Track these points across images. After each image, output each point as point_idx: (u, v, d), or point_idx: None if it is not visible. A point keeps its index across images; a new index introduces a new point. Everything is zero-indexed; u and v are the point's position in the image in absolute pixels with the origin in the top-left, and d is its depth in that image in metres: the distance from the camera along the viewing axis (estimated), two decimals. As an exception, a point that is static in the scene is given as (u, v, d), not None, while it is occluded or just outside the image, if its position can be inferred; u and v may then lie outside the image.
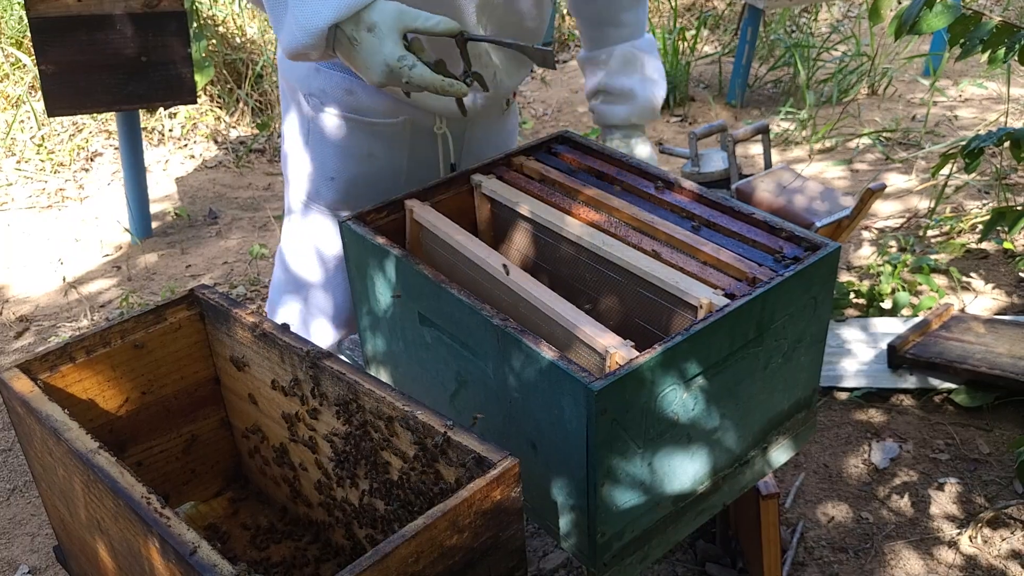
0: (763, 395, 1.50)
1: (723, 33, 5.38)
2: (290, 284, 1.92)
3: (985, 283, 3.03)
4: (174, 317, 1.49)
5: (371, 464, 1.33)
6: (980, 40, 1.93)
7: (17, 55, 4.71)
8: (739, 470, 1.54)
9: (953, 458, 2.33)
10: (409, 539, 1.03)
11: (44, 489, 1.46)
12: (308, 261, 1.88)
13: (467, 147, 1.84)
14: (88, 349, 1.42)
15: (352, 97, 1.69)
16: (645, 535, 1.43)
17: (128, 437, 1.51)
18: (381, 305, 1.64)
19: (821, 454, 2.37)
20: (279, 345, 1.38)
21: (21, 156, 4.25)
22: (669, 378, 1.30)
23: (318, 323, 1.91)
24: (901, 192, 3.67)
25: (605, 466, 1.29)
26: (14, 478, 2.50)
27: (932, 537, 2.12)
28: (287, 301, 1.93)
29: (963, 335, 2.59)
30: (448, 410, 1.56)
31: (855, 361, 2.61)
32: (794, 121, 4.29)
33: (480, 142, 1.86)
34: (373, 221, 1.63)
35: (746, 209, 1.57)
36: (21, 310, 3.25)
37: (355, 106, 1.70)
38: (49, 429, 1.25)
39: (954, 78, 4.70)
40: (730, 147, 3.07)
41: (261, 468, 1.61)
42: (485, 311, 1.37)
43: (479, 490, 1.08)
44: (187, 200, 3.94)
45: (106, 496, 1.17)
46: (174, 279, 3.38)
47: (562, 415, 1.29)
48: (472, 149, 1.85)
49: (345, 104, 1.70)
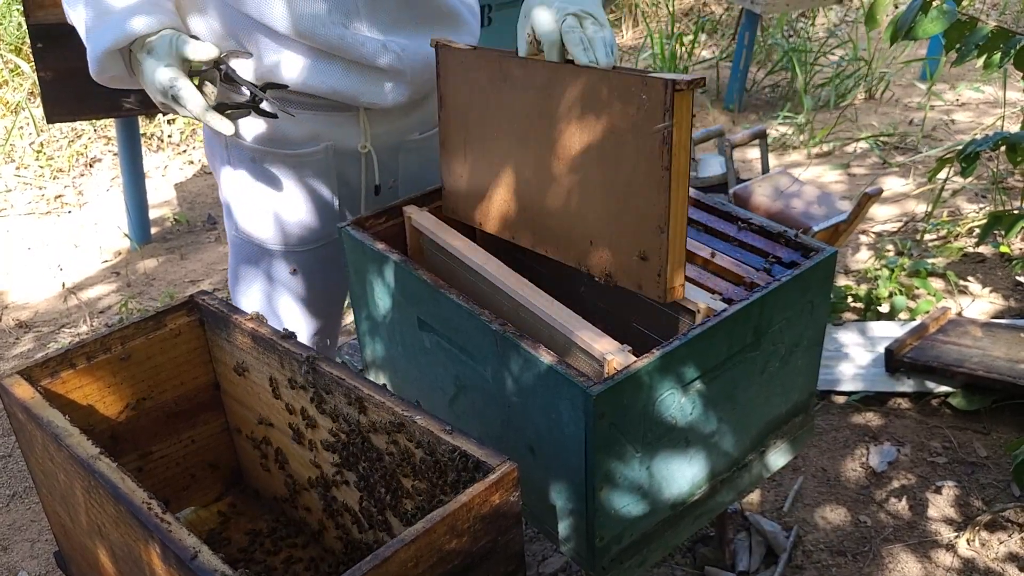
0: (761, 399, 1.50)
1: (721, 38, 5.39)
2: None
3: (982, 287, 3.04)
4: (174, 323, 1.50)
5: (370, 469, 1.34)
6: (976, 45, 1.94)
7: (16, 62, 4.72)
8: (737, 474, 1.55)
9: (950, 461, 2.34)
10: (408, 543, 1.03)
11: (44, 495, 1.46)
12: (253, 292, 1.78)
13: (403, 169, 1.73)
14: (89, 355, 1.43)
15: (268, 130, 1.61)
16: (644, 539, 1.43)
17: (128, 442, 1.51)
18: (380, 310, 1.64)
19: (819, 458, 2.37)
20: (279, 350, 1.39)
21: (20, 162, 4.26)
22: (667, 382, 1.31)
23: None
24: (898, 196, 3.68)
25: (604, 470, 1.29)
26: (14, 484, 2.50)
27: (930, 540, 2.13)
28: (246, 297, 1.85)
29: (960, 339, 2.60)
30: (447, 415, 1.57)
31: (852, 365, 2.62)
32: (791, 125, 4.30)
33: (418, 169, 1.74)
34: (372, 227, 1.64)
35: (743, 214, 1.58)
36: (21, 316, 3.26)
37: (272, 138, 1.61)
38: (50, 435, 1.25)
39: (951, 82, 4.72)
40: (728, 152, 3.08)
41: (261, 473, 1.62)
42: (484, 316, 1.38)
43: (478, 494, 1.09)
44: (186, 206, 3.95)
45: (107, 502, 1.18)
46: (173, 284, 3.38)
47: (560, 419, 1.30)
48: (409, 172, 1.74)
49: (262, 138, 1.61)
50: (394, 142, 1.68)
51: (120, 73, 1.49)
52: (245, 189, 1.67)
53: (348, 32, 1.49)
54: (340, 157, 1.65)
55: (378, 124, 1.63)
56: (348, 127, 1.62)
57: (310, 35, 1.47)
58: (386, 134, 1.66)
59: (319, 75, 1.52)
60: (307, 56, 1.51)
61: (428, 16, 1.58)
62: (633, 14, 5.64)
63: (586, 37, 1.35)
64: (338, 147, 1.64)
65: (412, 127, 1.69)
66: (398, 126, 1.67)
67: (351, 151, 1.65)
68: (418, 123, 1.70)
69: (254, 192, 1.67)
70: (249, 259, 1.74)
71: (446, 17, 1.60)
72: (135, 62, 1.47)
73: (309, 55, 1.51)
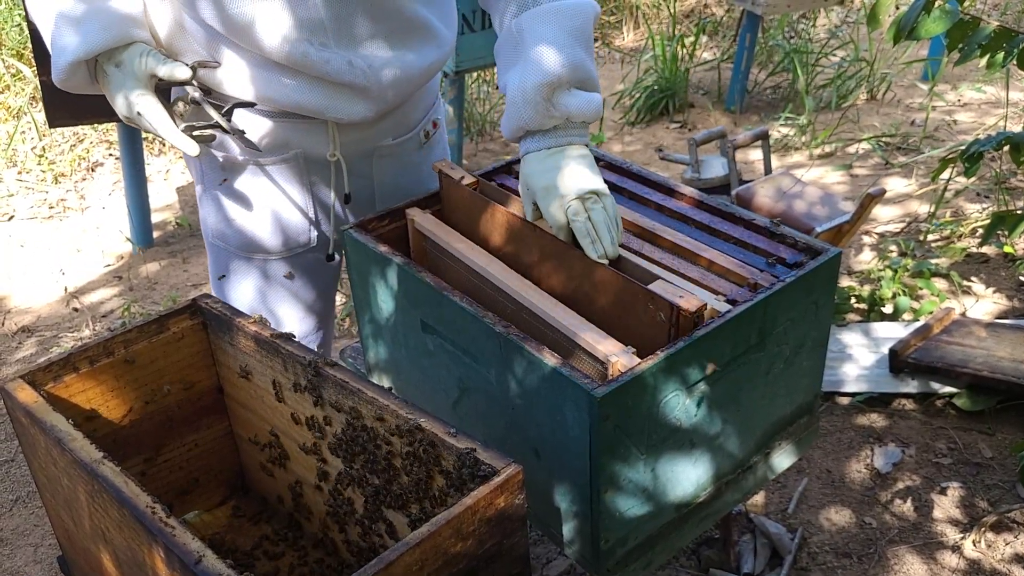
0: (765, 400, 1.50)
1: (722, 39, 5.39)
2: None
3: (986, 287, 3.03)
4: (177, 327, 1.49)
5: (374, 472, 1.33)
6: (978, 45, 1.94)
7: (18, 66, 4.73)
8: (742, 476, 1.54)
9: (956, 462, 2.33)
10: (413, 547, 1.03)
11: (48, 499, 1.46)
12: (237, 298, 1.76)
13: (379, 180, 1.70)
14: (91, 359, 1.42)
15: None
16: (648, 541, 1.43)
17: (132, 446, 1.51)
18: (383, 313, 1.64)
19: (823, 459, 2.37)
20: (282, 354, 1.39)
21: (22, 167, 4.26)
22: (672, 384, 1.30)
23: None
24: (901, 197, 3.67)
25: (608, 472, 1.29)
26: (17, 488, 2.50)
27: (935, 542, 2.12)
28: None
29: (964, 339, 2.59)
30: (451, 417, 1.56)
31: (856, 366, 2.61)
32: (793, 126, 4.30)
33: (394, 175, 1.71)
34: (375, 229, 1.64)
35: (747, 215, 1.58)
36: (23, 320, 3.26)
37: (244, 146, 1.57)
38: (53, 439, 1.25)
39: (953, 82, 4.71)
40: (730, 153, 3.08)
41: (264, 476, 1.61)
42: (487, 319, 1.37)
43: (483, 497, 1.09)
44: (188, 209, 3.95)
45: (111, 506, 1.18)
46: (176, 288, 3.38)
47: (565, 422, 1.29)
48: (385, 182, 1.71)
49: (235, 146, 1.59)
50: (366, 148, 1.65)
51: (83, 81, 1.46)
52: (219, 197, 1.65)
53: (313, 49, 1.45)
54: (311, 164, 1.61)
55: (347, 132, 1.60)
56: (317, 135, 1.58)
57: (275, 51, 1.44)
58: (357, 141, 1.62)
59: (284, 90, 1.49)
60: (272, 71, 1.48)
61: (397, 30, 1.52)
62: (634, 16, 5.64)
63: (592, 226, 1.38)
64: (308, 154, 1.60)
65: (384, 133, 1.65)
66: (368, 134, 1.63)
67: (321, 158, 1.61)
68: (391, 129, 1.66)
69: (228, 200, 1.64)
70: (227, 265, 1.72)
71: (417, 30, 1.54)
72: (100, 73, 1.43)
73: (274, 70, 1.48)
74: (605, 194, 1.42)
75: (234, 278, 1.73)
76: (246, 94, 1.50)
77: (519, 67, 1.40)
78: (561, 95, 1.38)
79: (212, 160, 1.62)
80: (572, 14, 1.41)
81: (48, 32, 1.44)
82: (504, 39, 1.45)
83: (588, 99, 1.41)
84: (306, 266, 1.72)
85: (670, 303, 1.30)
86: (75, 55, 1.40)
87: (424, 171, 1.76)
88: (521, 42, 1.40)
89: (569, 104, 1.39)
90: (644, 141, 4.40)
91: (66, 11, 1.41)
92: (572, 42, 1.39)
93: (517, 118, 1.41)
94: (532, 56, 1.38)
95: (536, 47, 1.38)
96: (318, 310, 1.80)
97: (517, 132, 1.44)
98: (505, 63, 1.45)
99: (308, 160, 1.61)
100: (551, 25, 1.39)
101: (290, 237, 1.67)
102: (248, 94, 1.50)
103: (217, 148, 1.60)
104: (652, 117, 4.58)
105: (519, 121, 1.41)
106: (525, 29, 1.40)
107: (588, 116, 1.42)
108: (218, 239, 1.70)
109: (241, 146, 1.57)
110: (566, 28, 1.39)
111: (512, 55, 1.42)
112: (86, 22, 1.40)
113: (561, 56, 1.37)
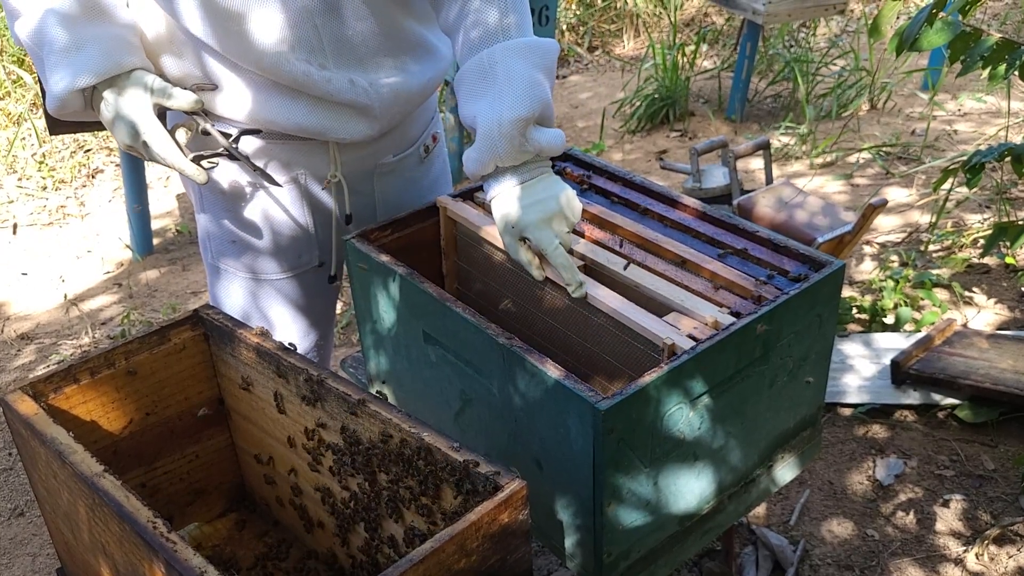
0: (769, 413, 1.49)
1: (722, 48, 5.40)
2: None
3: (987, 298, 3.03)
4: (178, 338, 1.49)
5: (376, 485, 1.33)
6: (981, 56, 1.94)
7: (19, 73, 4.73)
8: (745, 488, 1.54)
9: (958, 474, 2.33)
10: (417, 563, 1.02)
11: (47, 511, 1.45)
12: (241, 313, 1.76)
13: (381, 197, 1.70)
14: (92, 370, 1.42)
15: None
16: (651, 554, 1.42)
17: (132, 458, 1.50)
18: (385, 323, 1.63)
19: (825, 471, 2.36)
20: (284, 366, 1.38)
21: (23, 173, 4.26)
22: (675, 397, 1.30)
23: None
24: (902, 207, 3.67)
25: (611, 485, 1.28)
26: (15, 498, 2.49)
27: (938, 554, 2.11)
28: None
29: (966, 350, 2.58)
30: (452, 429, 1.56)
31: (858, 377, 2.61)
32: (794, 136, 4.30)
33: (395, 191, 1.71)
34: (377, 239, 1.63)
35: (750, 227, 1.58)
36: (22, 327, 3.25)
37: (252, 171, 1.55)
38: (53, 452, 1.24)
39: (953, 92, 4.72)
40: (731, 163, 3.08)
41: (265, 488, 1.60)
42: (490, 330, 1.37)
43: (487, 513, 1.08)
44: (188, 216, 3.94)
45: (111, 520, 1.17)
46: (175, 296, 3.38)
47: (568, 434, 1.29)
48: (387, 199, 1.70)
49: (235, 169, 1.58)
50: (367, 166, 1.65)
51: (79, 109, 1.41)
52: (219, 219, 1.64)
53: (313, 68, 1.44)
54: (312, 185, 1.62)
55: (348, 152, 1.60)
56: (319, 156, 1.58)
57: (274, 72, 1.43)
58: (358, 160, 1.62)
59: (285, 111, 1.48)
60: (272, 92, 1.47)
61: (396, 49, 1.51)
62: (635, 24, 5.65)
63: (568, 275, 1.42)
64: (310, 175, 1.60)
65: (385, 150, 1.65)
66: (369, 151, 1.63)
67: (322, 179, 1.61)
68: (391, 146, 1.66)
69: (228, 222, 1.64)
70: (227, 286, 1.72)
71: (416, 48, 1.54)
72: (98, 99, 1.40)
73: (274, 91, 1.47)
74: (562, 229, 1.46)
75: (234, 297, 1.72)
76: (246, 116, 1.49)
77: (490, 99, 1.37)
78: (531, 131, 1.38)
79: (212, 183, 1.61)
80: (543, 52, 1.41)
81: (40, 58, 1.39)
82: (471, 68, 1.41)
83: (555, 134, 1.42)
84: (307, 285, 1.72)
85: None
86: (74, 83, 1.35)
87: (425, 186, 1.76)
88: (493, 74, 1.38)
89: (540, 139, 1.39)
90: (644, 149, 4.40)
91: (61, 37, 1.35)
92: (543, 80, 1.39)
93: (490, 151, 1.38)
94: (507, 90, 1.36)
95: (511, 81, 1.37)
96: (319, 327, 1.80)
97: (487, 167, 1.41)
98: (471, 92, 1.41)
99: (310, 180, 1.61)
100: (525, 61, 1.38)
101: (291, 257, 1.67)
102: (248, 117, 1.49)
103: (217, 172, 1.59)
104: (652, 125, 4.58)
105: (492, 154, 1.38)
106: (499, 61, 1.38)
107: (557, 150, 1.42)
108: (218, 260, 1.69)
109: (250, 172, 1.56)
110: (539, 66, 1.39)
111: (481, 86, 1.40)
112: (85, 48, 1.36)
113: (536, 92, 1.37)
